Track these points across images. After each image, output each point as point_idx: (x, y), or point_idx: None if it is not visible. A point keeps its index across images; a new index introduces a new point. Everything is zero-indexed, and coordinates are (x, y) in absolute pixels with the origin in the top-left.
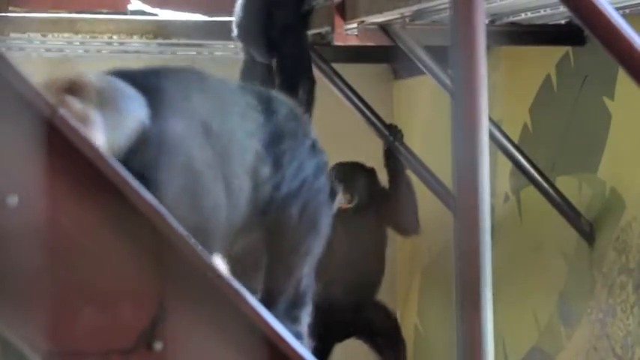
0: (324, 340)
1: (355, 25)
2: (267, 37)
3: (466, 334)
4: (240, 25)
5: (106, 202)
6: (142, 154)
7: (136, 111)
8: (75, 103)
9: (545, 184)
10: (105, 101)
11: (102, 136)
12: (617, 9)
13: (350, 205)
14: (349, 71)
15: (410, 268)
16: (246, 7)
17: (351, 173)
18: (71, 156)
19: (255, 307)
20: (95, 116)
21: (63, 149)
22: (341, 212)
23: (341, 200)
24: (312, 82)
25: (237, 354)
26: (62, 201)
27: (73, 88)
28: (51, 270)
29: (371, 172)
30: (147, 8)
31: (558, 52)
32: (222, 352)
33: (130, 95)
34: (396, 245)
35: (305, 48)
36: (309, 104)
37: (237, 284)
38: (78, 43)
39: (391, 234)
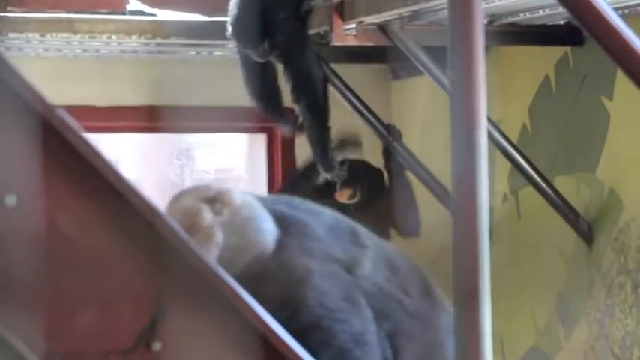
0: None
1: (354, 25)
2: (263, 37)
3: (464, 335)
4: (234, 24)
5: (105, 202)
6: (257, 283)
7: (261, 240)
8: (206, 216)
9: (543, 185)
10: (234, 226)
11: (215, 254)
12: (616, 9)
13: (350, 202)
14: (347, 71)
15: None
16: (240, 6)
17: (356, 170)
18: (70, 156)
19: (254, 308)
20: (218, 234)
21: (61, 149)
22: (343, 207)
23: (341, 194)
24: (326, 83)
25: (236, 354)
26: (61, 201)
27: (215, 199)
28: (50, 270)
29: (378, 173)
30: (146, 8)
31: (557, 52)
32: (220, 352)
33: (262, 230)
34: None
35: (313, 52)
36: (326, 104)
37: (235, 285)
38: (76, 43)
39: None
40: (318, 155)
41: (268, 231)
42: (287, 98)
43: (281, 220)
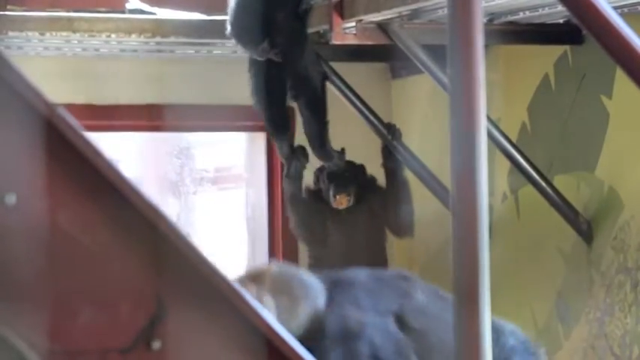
0: None
1: (353, 23)
2: (263, 36)
3: (464, 333)
4: (234, 24)
5: (105, 201)
6: (317, 340)
7: (310, 298)
8: (251, 288)
9: (543, 183)
10: (279, 287)
11: (271, 317)
12: (615, 8)
13: (347, 205)
14: (347, 70)
15: (408, 267)
16: (240, 5)
17: (346, 173)
18: (69, 155)
19: (254, 307)
20: (267, 300)
21: (61, 148)
22: (336, 212)
23: (340, 201)
24: (324, 79)
25: (236, 353)
26: (60, 200)
27: (256, 276)
28: (49, 269)
29: (361, 169)
30: (145, 7)
31: (556, 51)
32: (220, 351)
33: (308, 284)
34: (394, 244)
35: (312, 51)
36: (324, 99)
37: (235, 284)
38: (76, 42)
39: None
40: (316, 147)
41: (314, 284)
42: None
43: (327, 278)
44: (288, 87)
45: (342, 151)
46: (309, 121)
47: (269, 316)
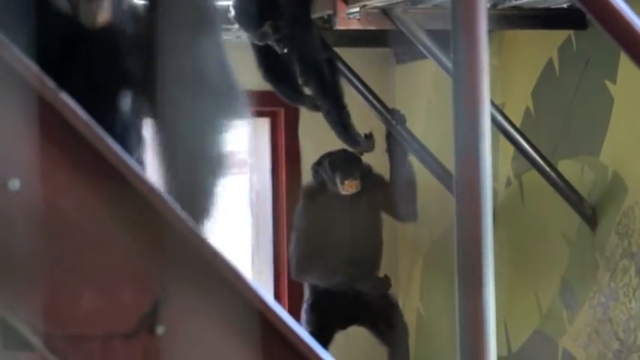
0: (325, 326)
1: (357, 9)
2: (263, 20)
3: (468, 319)
4: (237, 7)
5: (107, 185)
6: None
7: None
8: None
9: (547, 168)
10: None
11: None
12: None
13: (356, 190)
14: (351, 55)
15: (412, 253)
16: None
17: (347, 160)
18: (72, 139)
19: (256, 290)
20: None
21: (64, 132)
22: (337, 199)
23: (350, 186)
24: (333, 63)
25: (239, 337)
26: (63, 184)
27: None
28: (52, 253)
29: (358, 157)
30: None
31: (560, 36)
32: (225, 336)
33: None
34: (398, 230)
35: (317, 34)
36: (336, 83)
37: (238, 267)
38: None
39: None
40: (341, 134)
41: None
42: None
43: None
44: (297, 74)
45: (370, 135)
46: (325, 107)
47: (272, 299)
